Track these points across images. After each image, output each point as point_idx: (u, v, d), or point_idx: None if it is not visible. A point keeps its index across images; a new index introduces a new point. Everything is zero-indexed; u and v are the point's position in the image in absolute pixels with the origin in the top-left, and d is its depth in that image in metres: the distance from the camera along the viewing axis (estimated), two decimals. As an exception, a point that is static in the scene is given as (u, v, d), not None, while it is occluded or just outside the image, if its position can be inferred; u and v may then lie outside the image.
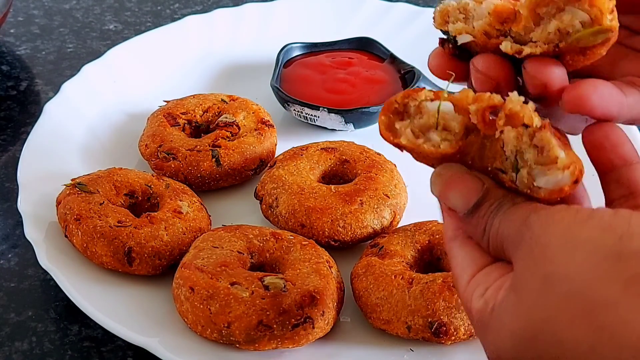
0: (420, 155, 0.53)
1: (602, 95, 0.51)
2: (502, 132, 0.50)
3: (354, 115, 0.87)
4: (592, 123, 0.52)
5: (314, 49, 0.96)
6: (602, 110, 0.51)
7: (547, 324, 0.45)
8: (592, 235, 0.45)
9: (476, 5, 0.54)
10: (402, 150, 0.54)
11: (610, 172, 0.52)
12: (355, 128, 0.88)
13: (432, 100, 0.52)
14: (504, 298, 0.48)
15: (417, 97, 0.53)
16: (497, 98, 0.51)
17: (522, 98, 0.50)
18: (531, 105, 0.50)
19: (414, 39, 1.01)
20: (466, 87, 0.54)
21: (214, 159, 0.79)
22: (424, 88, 0.53)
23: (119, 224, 0.70)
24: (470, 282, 0.51)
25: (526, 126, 0.50)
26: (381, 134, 0.53)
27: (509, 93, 0.50)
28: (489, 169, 0.52)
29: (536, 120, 0.49)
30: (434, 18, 0.56)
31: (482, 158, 0.52)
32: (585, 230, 0.45)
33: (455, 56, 0.56)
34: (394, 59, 0.94)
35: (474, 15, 0.54)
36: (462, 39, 0.54)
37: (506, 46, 0.53)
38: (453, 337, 0.65)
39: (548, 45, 0.52)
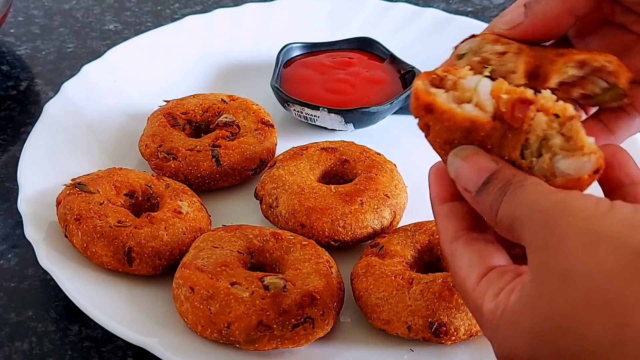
0: (444, 128, 0.53)
1: None
2: (530, 124, 0.51)
3: (354, 115, 0.87)
4: (601, 145, 0.54)
5: (314, 49, 0.96)
6: None
7: (567, 319, 0.45)
8: (614, 231, 0.45)
9: (499, 62, 0.57)
10: (422, 127, 0.54)
11: (616, 189, 0.54)
12: (355, 128, 0.88)
13: (473, 75, 0.54)
14: (520, 297, 0.48)
15: (458, 73, 0.54)
16: (529, 92, 0.52)
17: (554, 96, 0.52)
18: (562, 102, 0.52)
19: (414, 39, 1.01)
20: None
21: (214, 159, 0.79)
22: (465, 67, 0.55)
23: (119, 224, 0.70)
24: (481, 281, 0.51)
25: (557, 116, 0.51)
26: (417, 94, 0.53)
27: (542, 90, 0.52)
28: (506, 157, 0.52)
29: (570, 110, 0.51)
30: (452, 64, 0.58)
31: (502, 146, 0.52)
32: (607, 226, 0.45)
33: None
34: (394, 59, 0.94)
35: (498, 70, 0.57)
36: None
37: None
38: (453, 337, 0.65)
39: (570, 101, 0.55)
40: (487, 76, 0.54)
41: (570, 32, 0.60)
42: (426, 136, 0.55)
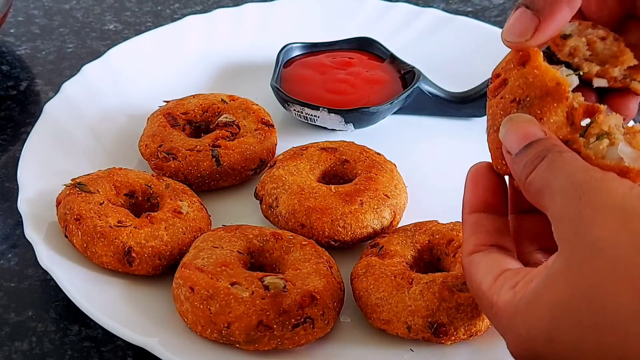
0: (524, 83, 0.55)
1: None
2: (596, 121, 0.53)
3: (354, 115, 0.87)
4: None
5: (314, 49, 0.96)
6: None
7: (592, 289, 0.45)
8: None
9: (604, 45, 0.58)
10: (495, 88, 0.56)
11: None
12: (355, 128, 0.88)
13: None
14: (544, 276, 0.48)
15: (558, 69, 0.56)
16: (603, 107, 0.54)
17: (622, 118, 0.54)
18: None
19: (414, 39, 1.01)
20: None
21: (214, 159, 0.79)
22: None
23: (119, 224, 0.70)
24: (497, 279, 0.52)
25: (622, 127, 0.53)
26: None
27: (613, 112, 0.55)
28: (560, 137, 0.54)
29: (637, 126, 0.53)
30: (556, 44, 0.58)
31: (559, 129, 0.54)
32: None
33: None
34: (394, 59, 0.94)
35: (601, 54, 0.58)
36: (598, 82, 0.57)
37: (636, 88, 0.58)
38: (453, 337, 0.65)
39: None
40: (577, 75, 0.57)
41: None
42: (491, 98, 0.56)
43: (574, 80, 0.56)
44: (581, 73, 0.57)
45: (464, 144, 0.86)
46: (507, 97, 0.55)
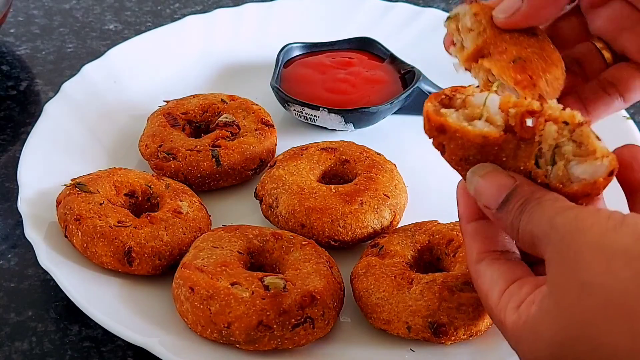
0: (458, 145, 0.54)
1: None
2: (541, 135, 0.52)
3: (354, 115, 0.87)
4: (621, 146, 0.55)
5: (314, 49, 0.96)
6: None
7: (586, 329, 0.46)
8: (626, 243, 0.46)
9: (465, 35, 0.61)
10: (437, 147, 0.56)
11: (637, 192, 0.54)
12: (355, 128, 0.88)
13: (480, 92, 0.55)
14: (539, 308, 0.49)
15: (466, 91, 0.55)
16: (535, 104, 0.53)
17: (561, 105, 0.53)
18: (569, 110, 0.53)
19: (414, 39, 1.01)
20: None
21: (214, 159, 0.79)
22: (471, 85, 0.57)
23: (119, 224, 0.70)
24: (502, 295, 0.53)
25: (566, 124, 0.52)
26: (428, 116, 0.55)
27: (548, 101, 0.54)
28: (522, 168, 0.53)
29: (578, 117, 0.52)
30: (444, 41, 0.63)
31: (517, 157, 0.53)
32: (620, 238, 0.46)
33: None
34: (394, 59, 0.94)
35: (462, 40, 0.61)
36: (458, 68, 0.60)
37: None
38: (453, 338, 0.65)
39: None
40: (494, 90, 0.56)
41: (582, 3, 0.60)
42: (442, 154, 0.56)
43: (495, 99, 0.55)
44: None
45: (464, 144, 0.86)
46: (454, 158, 0.55)
